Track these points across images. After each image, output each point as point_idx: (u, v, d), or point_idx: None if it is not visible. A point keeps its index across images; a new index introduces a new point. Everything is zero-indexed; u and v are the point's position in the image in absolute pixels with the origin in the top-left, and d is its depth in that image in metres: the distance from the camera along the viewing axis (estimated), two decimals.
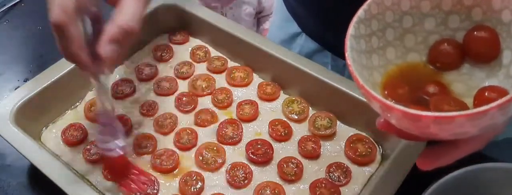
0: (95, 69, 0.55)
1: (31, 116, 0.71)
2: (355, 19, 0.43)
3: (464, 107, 0.41)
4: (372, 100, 0.38)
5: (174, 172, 0.69)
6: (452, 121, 0.34)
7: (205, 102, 0.77)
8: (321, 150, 0.70)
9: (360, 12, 0.43)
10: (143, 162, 0.70)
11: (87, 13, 0.54)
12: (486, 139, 0.42)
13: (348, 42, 0.42)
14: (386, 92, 0.44)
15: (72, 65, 0.75)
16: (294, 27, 0.89)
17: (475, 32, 0.43)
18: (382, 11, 0.44)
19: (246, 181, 0.67)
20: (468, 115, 0.33)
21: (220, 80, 0.80)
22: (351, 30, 0.42)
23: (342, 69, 0.85)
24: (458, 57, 0.45)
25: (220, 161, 0.69)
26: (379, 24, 0.45)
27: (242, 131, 0.72)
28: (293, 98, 0.76)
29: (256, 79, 0.80)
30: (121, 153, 0.63)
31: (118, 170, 0.66)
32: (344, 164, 0.68)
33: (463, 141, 0.42)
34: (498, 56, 0.43)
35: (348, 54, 0.41)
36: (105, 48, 0.53)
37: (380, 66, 0.46)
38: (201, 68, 0.82)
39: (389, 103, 0.36)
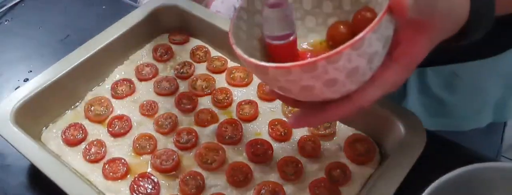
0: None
1: (31, 116, 0.71)
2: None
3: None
4: (245, 61, 0.41)
5: (174, 172, 0.69)
6: (315, 65, 0.37)
7: (205, 102, 0.77)
8: (321, 149, 0.70)
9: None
10: (143, 162, 0.70)
11: None
12: (357, 106, 0.43)
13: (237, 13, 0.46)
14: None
15: (72, 66, 0.75)
16: None
17: (359, 14, 0.45)
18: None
19: (245, 181, 0.67)
20: (327, 56, 0.37)
21: (220, 80, 0.80)
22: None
23: None
24: (350, 36, 0.46)
25: (220, 161, 0.69)
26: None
27: (242, 131, 0.72)
28: None
29: (256, 79, 0.80)
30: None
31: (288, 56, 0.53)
32: (344, 163, 0.68)
33: (331, 104, 0.43)
34: None
35: (234, 22, 0.46)
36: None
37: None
38: (201, 68, 0.82)
39: (246, 57, 0.41)
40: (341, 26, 0.47)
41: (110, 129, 0.73)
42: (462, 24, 0.45)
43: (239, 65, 0.82)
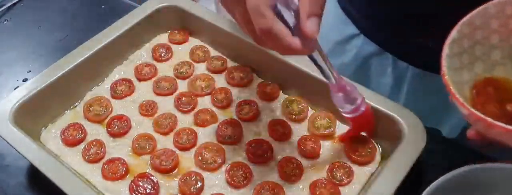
0: (307, 49, 0.52)
1: (31, 116, 0.71)
2: (449, 40, 0.46)
3: None
4: (478, 120, 0.41)
5: (174, 172, 0.69)
6: None
7: (204, 102, 0.77)
8: (321, 150, 0.70)
9: (453, 33, 0.46)
10: (143, 162, 0.70)
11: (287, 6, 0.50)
12: None
13: (444, 62, 0.45)
14: (476, 106, 0.47)
15: (72, 66, 0.75)
16: (351, 29, 0.86)
17: None
18: (472, 30, 0.48)
19: (245, 181, 0.67)
20: None
21: (220, 80, 0.80)
22: (446, 49, 0.46)
23: (404, 71, 0.82)
24: None
25: (220, 161, 0.69)
26: (469, 42, 0.48)
27: (241, 131, 0.72)
28: (293, 98, 0.76)
29: (256, 79, 0.80)
30: (365, 106, 0.64)
31: (366, 123, 0.67)
32: (344, 163, 0.68)
33: None
34: None
35: (447, 77, 0.45)
36: (308, 24, 0.48)
37: (470, 80, 0.49)
38: (200, 68, 0.82)
39: (493, 121, 0.40)
40: None
41: (109, 129, 0.73)
42: None
43: (239, 65, 0.82)
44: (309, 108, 0.75)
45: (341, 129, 0.73)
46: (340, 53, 0.90)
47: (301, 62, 0.74)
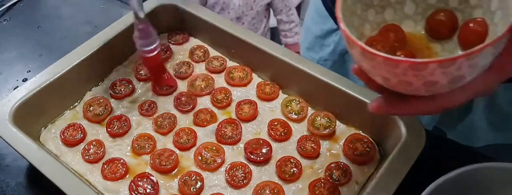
0: None
1: (30, 116, 0.71)
2: None
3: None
4: (354, 45, 0.41)
5: (173, 172, 0.69)
6: (426, 66, 0.38)
7: (204, 102, 0.77)
8: (320, 149, 0.70)
9: None
10: (142, 162, 0.70)
11: None
12: (439, 106, 0.44)
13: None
14: (367, 41, 0.47)
15: (71, 65, 0.75)
16: (330, 24, 0.88)
17: (470, 24, 0.45)
18: None
19: (245, 181, 0.67)
20: (441, 61, 0.37)
21: (219, 80, 0.80)
22: None
23: None
24: (449, 30, 0.48)
25: (219, 161, 0.69)
26: None
27: (241, 131, 0.72)
28: (292, 98, 0.76)
29: (255, 79, 0.80)
30: (158, 50, 0.73)
31: (155, 68, 0.76)
32: (343, 163, 0.68)
33: (415, 98, 0.44)
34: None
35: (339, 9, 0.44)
36: None
37: (375, 22, 0.49)
38: (200, 68, 0.82)
39: (372, 49, 0.39)
40: (444, 16, 0.48)
41: (109, 129, 0.73)
42: None
43: (238, 64, 0.82)
44: (309, 107, 0.75)
45: (341, 129, 0.73)
46: (319, 48, 0.91)
47: (301, 62, 0.74)
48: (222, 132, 0.72)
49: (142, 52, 0.72)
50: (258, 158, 0.69)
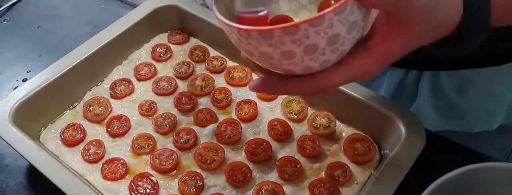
0: None
1: (30, 116, 0.71)
2: None
3: None
4: (229, 27, 0.41)
5: (173, 172, 0.68)
6: (297, 28, 0.38)
7: (204, 102, 0.77)
8: (320, 149, 0.70)
9: None
10: (142, 162, 0.70)
11: None
12: (319, 86, 0.44)
13: None
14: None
15: (71, 65, 0.75)
16: None
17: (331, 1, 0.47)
18: None
19: (245, 181, 0.67)
20: (310, 19, 0.38)
21: (219, 80, 0.80)
22: None
23: (402, 76, 0.81)
24: None
25: (219, 161, 0.69)
26: None
27: (241, 131, 0.72)
28: (292, 98, 0.76)
29: (255, 79, 0.80)
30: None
31: None
32: (344, 163, 0.68)
33: (293, 78, 0.44)
34: None
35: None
36: None
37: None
38: (200, 68, 0.82)
39: (245, 26, 0.40)
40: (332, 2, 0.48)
41: (109, 129, 0.73)
42: (449, 30, 0.44)
43: (238, 64, 0.82)
44: (309, 107, 0.75)
45: (341, 128, 0.73)
46: None
47: None
48: (222, 131, 0.72)
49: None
50: (258, 158, 0.69)
